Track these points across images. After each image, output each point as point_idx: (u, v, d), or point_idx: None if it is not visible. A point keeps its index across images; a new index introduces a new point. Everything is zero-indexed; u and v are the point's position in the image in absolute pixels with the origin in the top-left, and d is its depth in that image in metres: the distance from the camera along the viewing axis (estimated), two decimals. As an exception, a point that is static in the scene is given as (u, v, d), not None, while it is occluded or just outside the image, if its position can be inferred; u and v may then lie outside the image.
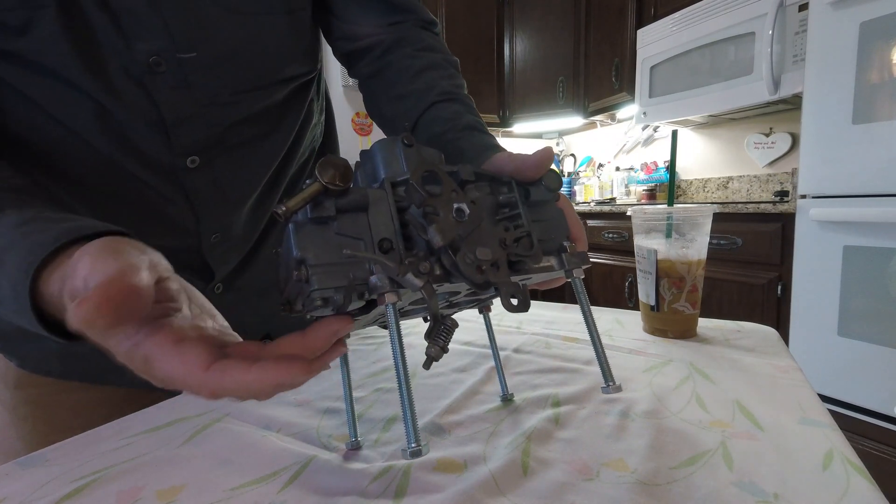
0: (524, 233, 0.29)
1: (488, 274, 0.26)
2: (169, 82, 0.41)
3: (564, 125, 3.30)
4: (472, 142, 0.44)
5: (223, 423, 0.38)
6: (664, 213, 0.55)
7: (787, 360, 0.48)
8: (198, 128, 0.44)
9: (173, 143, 0.43)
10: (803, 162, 1.52)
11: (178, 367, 0.21)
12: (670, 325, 0.56)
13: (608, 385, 0.29)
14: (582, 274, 0.30)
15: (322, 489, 0.29)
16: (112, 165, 0.42)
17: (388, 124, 0.53)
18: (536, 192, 0.31)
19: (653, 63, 2.33)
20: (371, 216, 0.25)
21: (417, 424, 0.23)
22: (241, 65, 0.44)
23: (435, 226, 0.24)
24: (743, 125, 2.38)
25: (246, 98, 0.46)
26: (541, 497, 0.27)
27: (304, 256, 0.23)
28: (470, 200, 0.27)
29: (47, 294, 0.26)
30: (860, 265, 1.40)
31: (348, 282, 0.23)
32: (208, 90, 0.43)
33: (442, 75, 0.50)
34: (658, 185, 2.72)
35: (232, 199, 0.50)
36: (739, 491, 0.27)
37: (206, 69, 0.42)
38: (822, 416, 0.36)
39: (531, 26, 3.05)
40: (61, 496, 0.29)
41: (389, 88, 0.51)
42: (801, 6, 1.69)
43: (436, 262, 0.25)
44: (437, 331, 0.26)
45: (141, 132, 0.42)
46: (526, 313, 0.46)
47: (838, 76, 1.41)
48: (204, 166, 0.46)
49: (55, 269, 0.25)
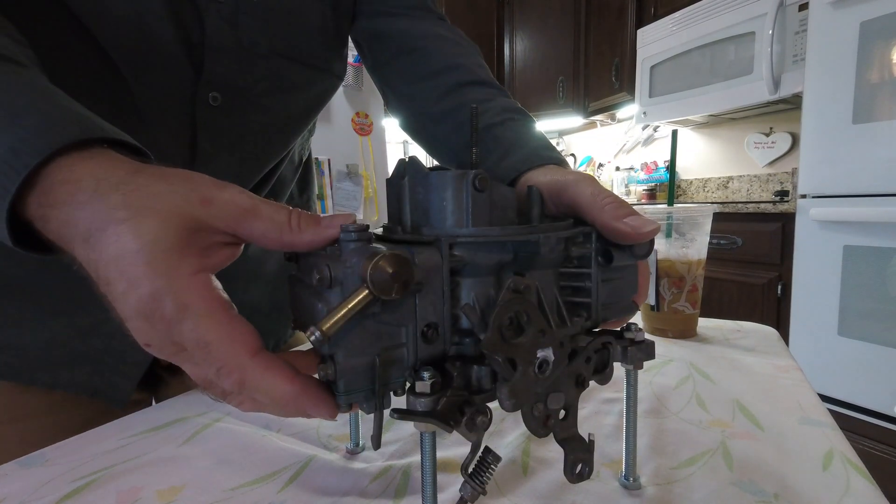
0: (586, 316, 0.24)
1: (555, 427, 0.22)
2: (222, 12, 0.42)
3: (564, 125, 3.30)
4: (518, 132, 0.42)
5: (223, 423, 0.38)
6: (664, 212, 0.55)
7: (787, 359, 0.48)
8: (231, 64, 0.44)
9: (206, 69, 0.43)
10: (803, 162, 1.52)
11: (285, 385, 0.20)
12: (670, 324, 0.56)
13: (629, 480, 0.27)
14: (642, 366, 0.26)
15: (322, 489, 0.29)
16: (119, 80, 0.40)
17: (406, 104, 0.53)
18: (620, 258, 0.25)
19: (653, 63, 2.33)
20: (420, 297, 0.20)
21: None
22: (283, 27, 0.47)
23: (507, 388, 0.20)
24: (743, 125, 2.38)
25: (276, 59, 0.47)
26: (541, 497, 0.27)
27: (333, 352, 0.19)
28: (559, 342, 0.21)
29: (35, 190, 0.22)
30: (860, 265, 1.40)
31: (379, 387, 0.20)
32: (250, 36, 0.44)
33: (473, 62, 0.51)
34: (658, 185, 2.72)
35: (236, 156, 0.48)
36: (739, 491, 0.27)
37: (255, 16, 0.44)
38: (822, 416, 0.36)
39: (531, 26, 3.05)
40: (61, 496, 0.29)
41: (417, 67, 0.51)
42: (801, 6, 1.69)
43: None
44: (478, 467, 0.22)
45: (176, 51, 0.41)
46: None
47: (838, 76, 1.41)
48: (224, 109, 0.45)
49: (57, 169, 0.22)
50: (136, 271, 0.20)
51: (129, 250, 0.20)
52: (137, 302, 0.20)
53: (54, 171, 0.22)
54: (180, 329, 0.20)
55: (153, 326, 0.20)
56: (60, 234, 0.21)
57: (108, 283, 0.20)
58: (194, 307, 0.20)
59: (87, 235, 0.20)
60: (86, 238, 0.20)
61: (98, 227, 0.20)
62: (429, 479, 0.21)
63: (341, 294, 0.19)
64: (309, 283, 0.21)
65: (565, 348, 0.22)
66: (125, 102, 0.41)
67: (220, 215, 0.22)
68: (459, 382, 0.21)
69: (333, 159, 2.27)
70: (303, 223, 0.22)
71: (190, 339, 0.20)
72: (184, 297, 0.20)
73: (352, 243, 0.20)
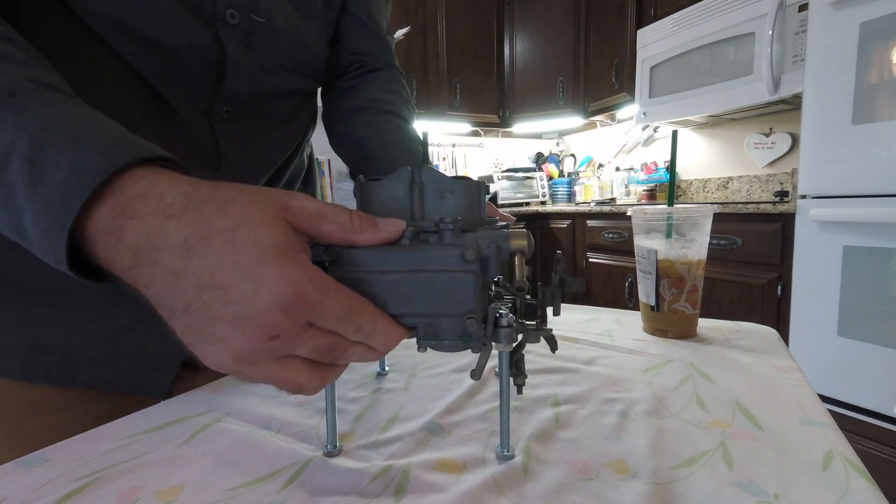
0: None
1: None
2: (237, 35, 0.46)
3: (564, 125, 3.30)
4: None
5: (223, 423, 0.38)
6: (664, 213, 0.55)
7: (787, 360, 0.48)
8: (246, 82, 0.49)
9: (224, 87, 0.47)
10: (803, 162, 1.52)
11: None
12: (670, 325, 0.56)
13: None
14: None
15: (322, 489, 0.29)
16: (150, 97, 0.44)
17: (346, 116, 0.62)
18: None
19: (653, 63, 2.33)
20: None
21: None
22: (289, 45, 0.52)
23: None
24: (743, 125, 2.38)
25: (285, 75, 0.53)
26: (541, 497, 0.27)
27: (473, 308, 0.27)
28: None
29: (91, 223, 0.23)
30: (860, 265, 1.40)
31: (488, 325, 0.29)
32: (262, 54, 0.49)
33: (405, 104, 0.64)
34: (658, 185, 2.72)
35: (254, 157, 0.53)
36: (739, 491, 0.27)
37: (265, 37, 0.49)
38: (822, 416, 0.36)
39: (531, 26, 3.05)
40: (61, 496, 0.29)
41: (359, 94, 0.62)
42: (801, 6, 1.69)
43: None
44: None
45: (196, 70, 0.45)
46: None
47: (838, 76, 1.41)
48: (236, 118, 0.49)
49: (112, 195, 0.23)
50: (267, 271, 0.22)
51: (252, 254, 0.22)
52: (276, 296, 0.22)
53: (130, 185, 0.23)
54: (323, 308, 0.23)
55: (291, 315, 0.23)
56: (141, 246, 0.22)
57: (223, 286, 0.22)
58: (330, 286, 0.24)
59: (186, 244, 0.22)
60: (183, 246, 0.22)
61: (200, 236, 0.22)
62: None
63: (483, 267, 0.28)
64: (436, 269, 0.27)
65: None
66: (158, 116, 0.45)
67: (297, 220, 0.25)
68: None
69: (333, 159, 2.27)
70: (363, 224, 0.26)
71: (335, 312, 0.24)
72: (320, 282, 0.24)
73: (465, 232, 0.28)
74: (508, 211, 2.68)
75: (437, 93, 2.95)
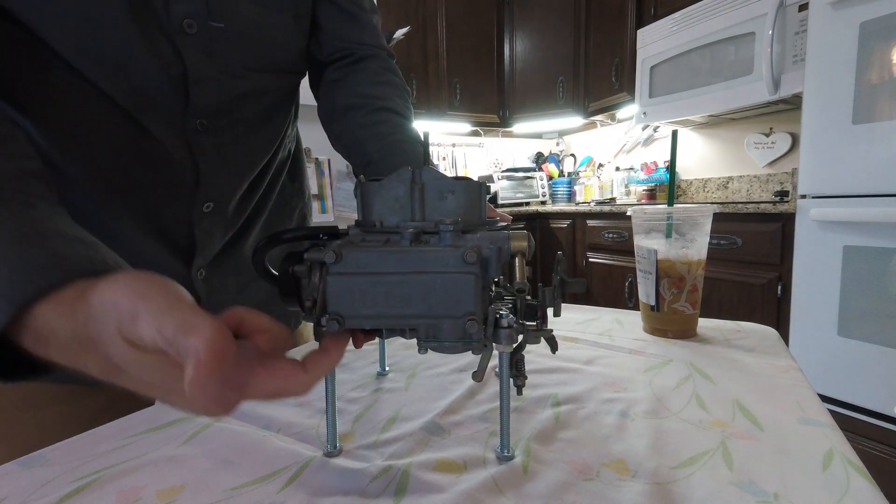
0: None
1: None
2: (197, 45, 0.45)
3: (564, 125, 3.30)
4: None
5: (223, 423, 0.38)
6: (664, 213, 0.55)
7: (787, 360, 0.48)
8: (213, 91, 0.48)
9: (191, 101, 0.46)
10: (803, 162, 1.52)
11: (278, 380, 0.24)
12: (670, 325, 0.56)
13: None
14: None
15: (322, 489, 0.29)
16: (125, 119, 0.44)
17: (340, 114, 0.59)
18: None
19: (653, 63, 2.33)
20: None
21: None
22: (253, 45, 0.50)
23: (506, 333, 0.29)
24: (743, 125, 2.38)
25: (253, 76, 0.51)
26: (541, 497, 0.27)
27: (474, 310, 0.27)
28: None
29: (32, 322, 0.24)
30: (860, 265, 1.40)
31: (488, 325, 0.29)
32: (226, 60, 0.48)
33: (399, 95, 0.61)
34: (658, 185, 2.72)
35: (233, 166, 0.53)
36: (739, 491, 0.27)
37: (227, 41, 0.47)
38: (822, 416, 0.36)
39: (531, 26, 3.05)
40: (61, 496, 0.29)
41: (350, 89, 0.59)
42: (801, 6, 1.69)
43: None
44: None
45: (162, 87, 0.45)
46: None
47: (838, 76, 1.41)
48: (211, 130, 0.49)
49: (55, 301, 0.24)
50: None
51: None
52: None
53: (30, 323, 0.24)
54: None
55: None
56: (67, 362, 0.24)
57: (160, 387, 0.23)
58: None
59: (106, 370, 0.23)
60: (104, 372, 0.24)
61: (115, 366, 0.23)
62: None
63: (483, 268, 0.28)
64: (436, 271, 0.27)
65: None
66: (138, 138, 0.45)
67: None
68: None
69: (333, 159, 2.27)
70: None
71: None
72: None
73: (468, 234, 0.29)
74: (508, 211, 2.68)
75: (437, 93, 2.95)
